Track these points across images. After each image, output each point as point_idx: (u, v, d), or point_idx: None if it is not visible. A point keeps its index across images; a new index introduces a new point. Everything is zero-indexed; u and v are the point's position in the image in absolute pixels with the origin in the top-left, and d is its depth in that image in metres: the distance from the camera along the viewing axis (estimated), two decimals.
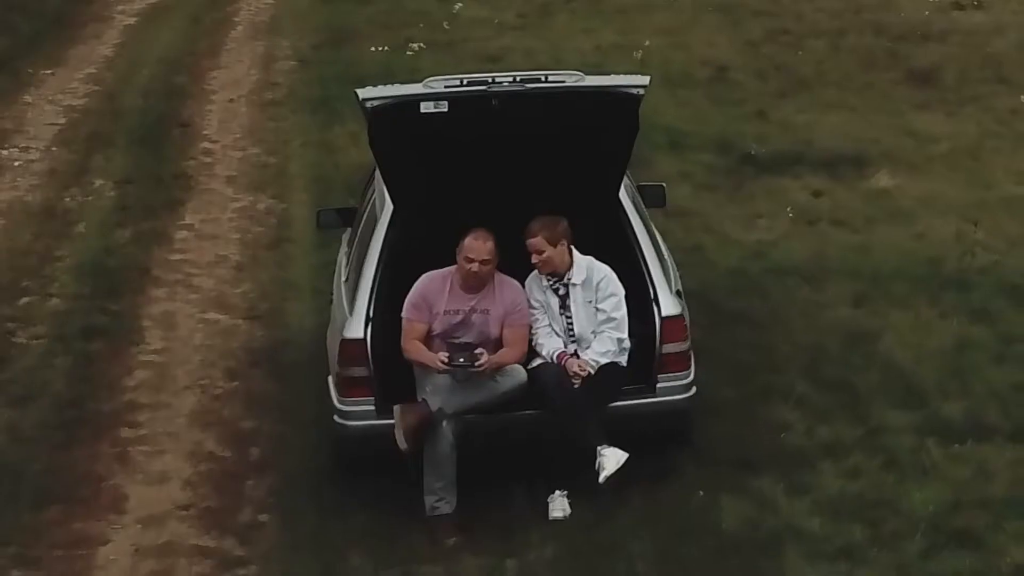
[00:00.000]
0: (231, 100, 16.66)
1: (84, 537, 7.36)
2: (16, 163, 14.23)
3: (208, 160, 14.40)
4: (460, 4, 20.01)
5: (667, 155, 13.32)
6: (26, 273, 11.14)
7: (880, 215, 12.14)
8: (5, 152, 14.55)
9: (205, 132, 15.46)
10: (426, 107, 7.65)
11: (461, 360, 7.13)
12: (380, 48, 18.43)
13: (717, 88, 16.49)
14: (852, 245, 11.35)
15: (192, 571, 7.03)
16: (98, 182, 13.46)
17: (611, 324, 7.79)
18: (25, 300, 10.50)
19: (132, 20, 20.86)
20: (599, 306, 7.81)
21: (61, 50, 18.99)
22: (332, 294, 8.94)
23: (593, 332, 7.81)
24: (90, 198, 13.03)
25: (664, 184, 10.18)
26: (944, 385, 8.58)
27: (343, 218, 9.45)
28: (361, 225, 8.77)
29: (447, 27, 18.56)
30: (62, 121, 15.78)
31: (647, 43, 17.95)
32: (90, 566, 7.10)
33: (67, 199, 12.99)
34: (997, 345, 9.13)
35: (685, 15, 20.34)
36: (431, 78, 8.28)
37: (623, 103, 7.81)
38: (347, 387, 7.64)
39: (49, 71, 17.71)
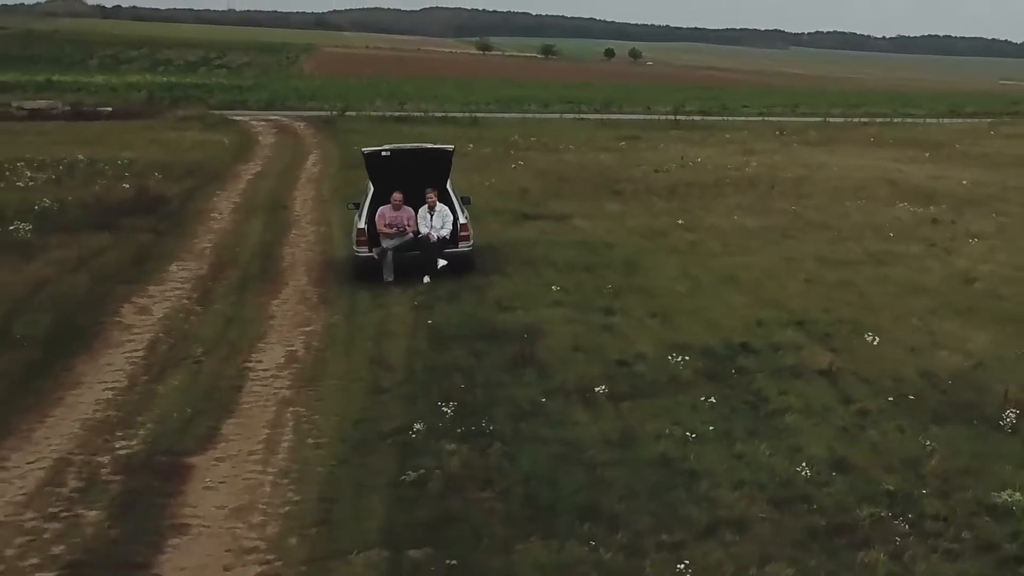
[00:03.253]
0: (304, 201, 21.10)
1: (271, 292, 12.89)
2: (218, 217, 18.75)
3: (298, 217, 19.08)
4: None
5: (492, 215, 18.19)
6: (235, 242, 16.36)
7: (572, 232, 17.31)
8: (214, 214, 18.95)
9: (295, 211, 19.86)
10: (384, 153, 13.90)
11: (397, 230, 13.50)
12: None
13: (522, 197, 21.10)
14: (554, 239, 16.43)
15: (308, 297, 12.62)
16: (254, 222, 18.30)
17: (447, 224, 13.66)
18: (236, 250, 15.71)
19: (251, 176, 24.74)
20: (443, 219, 13.64)
21: (222, 185, 22.76)
22: (356, 226, 13.79)
23: (439, 224, 13.51)
24: (253, 228, 17.84)
25: (469, 196, 15.33)
26: (566, 263, 14.53)
27: (356, 205, 14.49)
28: (361, 198, 14.30)
29: None
30: (232, 205, 20.19)
31: (493, 180, 22.83)
32: (273, 300, 12.44)
33: (243, 227, 17.90)
34: (599, 266, 15.17)
35: (518, 173, 24.95)
36: (387, 145, 14.91)
37: (444, 153, 14.04)
38: (359, 244, 13.41)
39: (220, 192, 21.73)
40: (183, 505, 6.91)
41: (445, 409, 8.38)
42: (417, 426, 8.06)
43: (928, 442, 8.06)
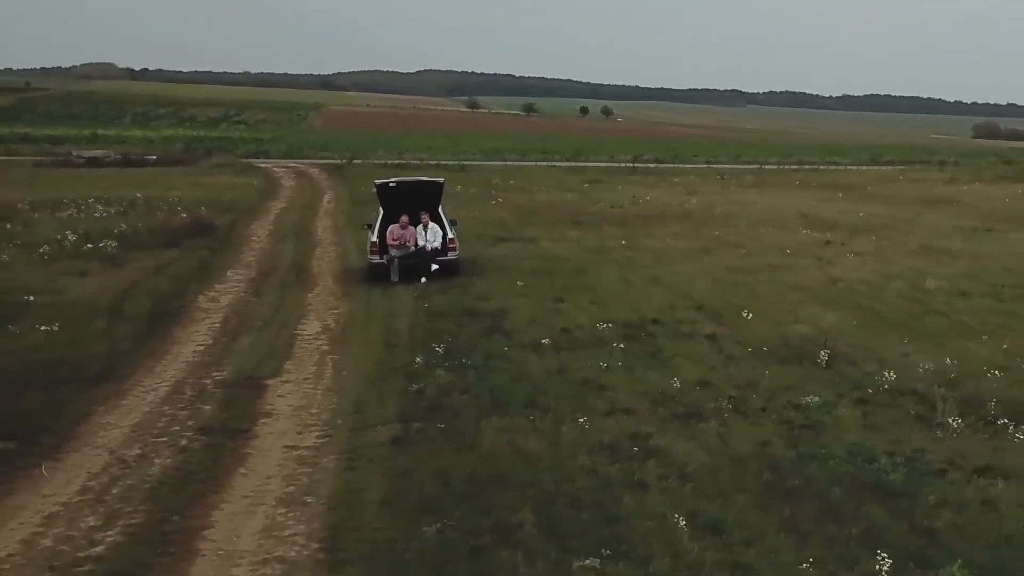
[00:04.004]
0: (324, 228, 23.50)
1: (305, 289, 15.39)
2: (257, 239, 21.13)
3: (320, 240, 21.57)
4: None
5: (475, 238, 20.31)
6: (273, 257, 18.79)
7: (538, 250, 19.66)
8: (253, 237, 21.39)
9: (317, 235, 22.36)
10: (391, 184, 16.64)
11: (401, 243, 16.59)
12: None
13: (499, 225, 23.67)
14: (523, 255, 18.80)
15: (334, 292, 15.17)
16: (286, 243, 20.64)
17: (438, 238, 16.42)
18: (275, 262, 18.21)
19: (278, 211, 27.09)
20: (435, 234, 16.40)
21: (256, 217, 25.12)
22: (370, 240, 16.34)
23: (432, 238, 16.11)
24: (286, 247, 20.21)
25: (456, 219, 17.70)
26: (530, 270, 17.98)
27: (370, 226, 17.00)
28: (373, 219, 16.95)
29: None
30: (267, 231, 22.64)
31: (476, 213, 25.04)
32: (308, 294, 15.01)
33: (278, 247, 20.32)
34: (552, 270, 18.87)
35: (497, 208, 27.44)
36: (394, 178, 17.76)
37: (437, 184, 16.71)
38: (372, 252, 15.99)
39: (255, 222, 24.17)
40: (264, 403, 9.60)
41: (438, 350, 11.12)
42: (418, 360, 10.80)
43: (767, 372, 10.81)
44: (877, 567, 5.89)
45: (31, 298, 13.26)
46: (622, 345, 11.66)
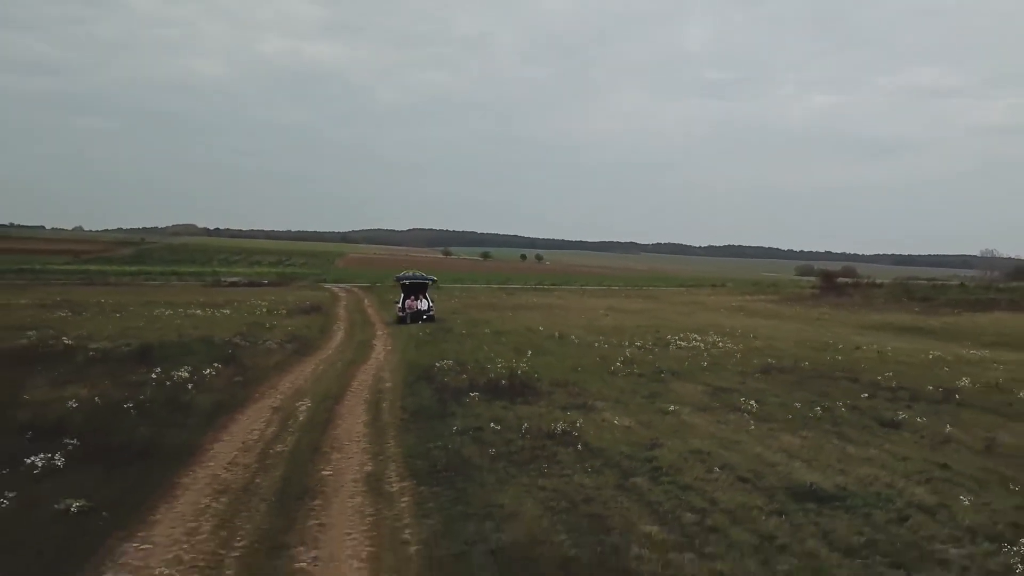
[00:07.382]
0: (371, 310, 36.92)
1: (372, 327, 28.76)
2: (341, 313, 33.43)
3: (371, 314, 33.90)
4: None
5: (444, 312, 33.87)
6: (351, 320, 33.24)
7: (471, 316, 32.38)
8: (339, 312, 33.81)
9: (369, 312, 34.24)
10: (405, 281, 30.79)
11: (410, 307, 30.16)
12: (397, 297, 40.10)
13: (455, 308, 35.94)
14: (463, 317, 32.00)
15: (384, 327, 29.04)
16: (355, 315, 33.64)
17: (427, 305, 30.51)
18: (353, 322, 32.22)
19: (344, 304, 39.93)
20: (426, 303, 30.70)
21: (334, 306, 37.31)
22: (397, 307, 30.87)
23: (425, 305, 30.42)
24: (356, 315, 33.45)
25: (435, 299, 32.74)
26: (464, 322, 31.69)
27: (396, 301, 31.07)
28: (399, 298, 30.88)
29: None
30: (343, 312, 34.84)
31: (443, 305, 39.80)
32: (374, 327, 28.96)
33: (352, 315, 33.38)
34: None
35: (454, 303, 40.97)
36: (405, 271, 31.70)
37: (427, 280, 30.74)
38: (398, 312, 29.50)
39: (336, 307, 37.25)
40: (371, 347, 22.93)
41: (428, 330, 24.79)
42: (420, 335, 24.44)
43: (544, 340, 24.52)
44: (523, 356, 19.61)
45: (275, 323, 26.61)
46: (492, 335, 25.40)
